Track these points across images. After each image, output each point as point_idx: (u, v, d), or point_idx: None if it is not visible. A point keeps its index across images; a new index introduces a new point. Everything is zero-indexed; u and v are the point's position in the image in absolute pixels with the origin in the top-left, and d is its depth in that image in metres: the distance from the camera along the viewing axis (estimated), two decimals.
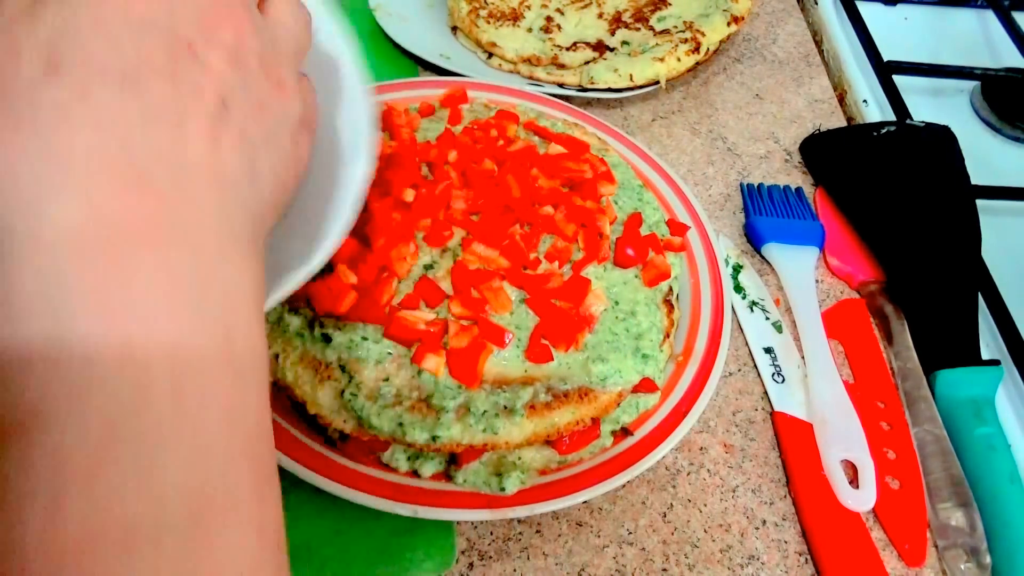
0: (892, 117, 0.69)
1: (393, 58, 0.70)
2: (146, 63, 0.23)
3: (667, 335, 0.48)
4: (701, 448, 0.49)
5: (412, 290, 0.45)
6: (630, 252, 0.49)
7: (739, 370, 0.53)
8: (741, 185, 0.64)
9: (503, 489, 0.41)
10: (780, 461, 0.49)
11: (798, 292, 0.57)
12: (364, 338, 0.42)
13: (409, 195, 0.48)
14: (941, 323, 0.55)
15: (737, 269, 0.58)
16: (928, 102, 0.74)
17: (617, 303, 0.47)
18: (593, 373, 0.43)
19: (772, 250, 0.59)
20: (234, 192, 0.25)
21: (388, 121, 0.55)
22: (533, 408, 0.42)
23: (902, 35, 0.81)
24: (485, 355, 0.43)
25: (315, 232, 0.32)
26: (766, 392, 0.52)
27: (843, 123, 0.71)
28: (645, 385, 0.46)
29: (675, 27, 0.71)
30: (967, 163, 0.63)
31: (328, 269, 0.45)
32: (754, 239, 0.60)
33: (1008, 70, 0.76)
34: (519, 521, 0.45)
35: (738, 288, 0.57)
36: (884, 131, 0.66)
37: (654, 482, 0.47)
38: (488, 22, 0.70)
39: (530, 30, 0.71)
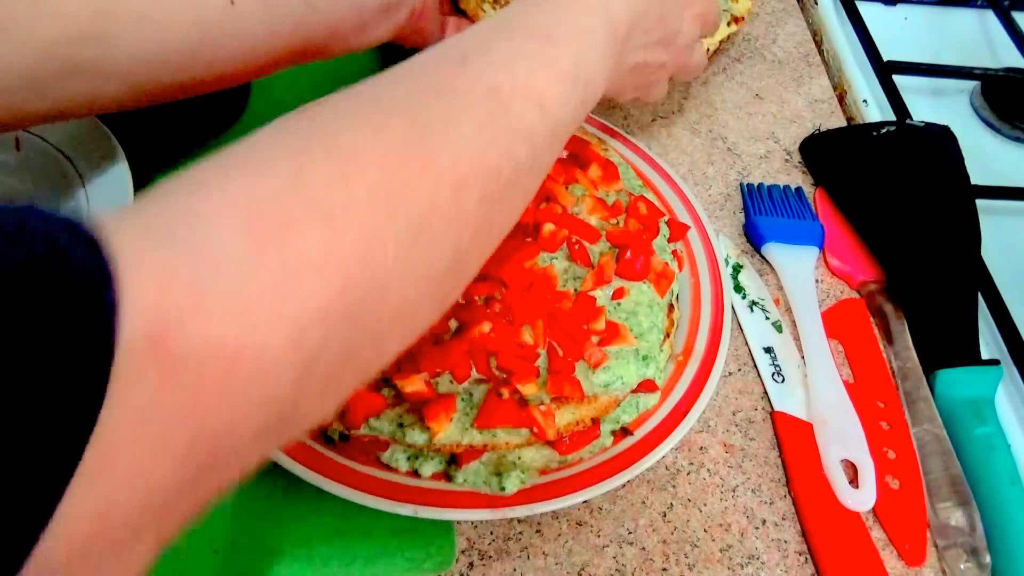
0: (892, 117, 0.69)
1: (393, 59, 0.70)
2: None
3: (667, 335, 0.48)
4: (701, 448, 0.49)
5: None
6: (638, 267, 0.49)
7: (739, 370, 0.53)
8: (741, 185, 0.64)
9: (503, 489, 0.41)
10: (780, 461, 0.49)
11: (798, 292, 0.57)
12: None
13: None
14: (941, 323, 0.55)
15: (737, 269, 0.58)
16: (928, 102, 0.74)
17: (619, 304, 0.47)
18: (596, 383, 0.44)
19: (772, 250, 0.59)
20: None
21: None
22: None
23: (902, 35, 0.81)
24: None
25: None
26: (766, 392, 0.52)
27: (843, 123, 0.71)
28: (645, 385, 0.46)
29: None
30: (967, 163, 0.63)
31: None
32: (754, 239, 0.60)
33: (1008, 70, 0.76)
34: (519, 521, 0.45)
35: (738, 288, 0.57)
36: (884, 131, 0.66)
37: (654, 482, 0.47)
38: (494, 8, 0.70)
39: None
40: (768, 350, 0.54)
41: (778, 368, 0.53)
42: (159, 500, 0.21)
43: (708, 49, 0.70)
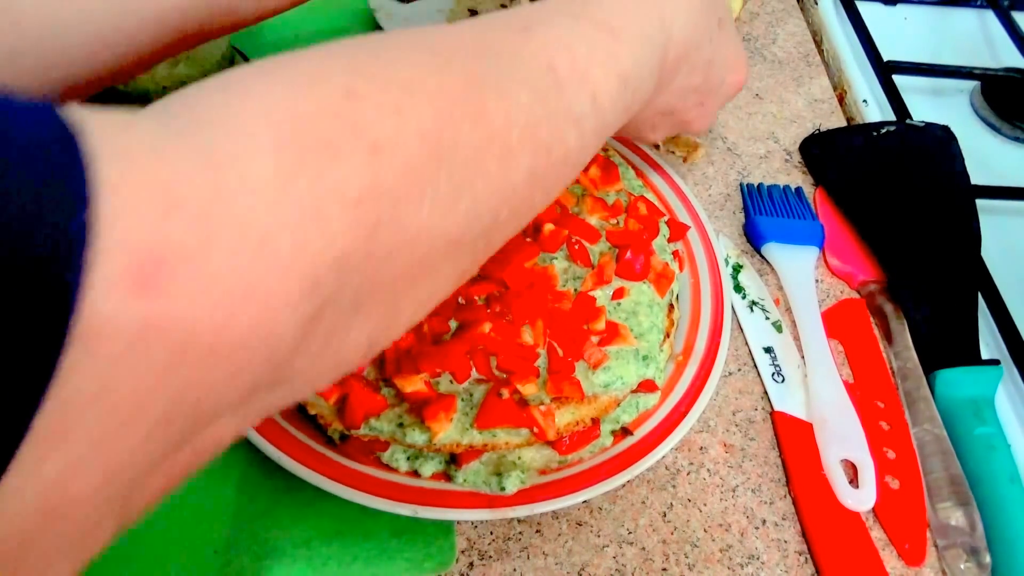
0: (892, 117, 0.69)
1: None
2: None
3: (667, 335, 0.48)
4: (701, 448, 0.49)
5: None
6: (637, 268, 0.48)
7: (739, 370, 0.53)
8: (741, 185, 0.64)
9: (503, 489, 0.41)
10: (780, 461, 0.49)
11: (798, 292, 0.57)
12: None
13: None
14: (941, 323, 0.55)
15: (737, 269, 0.58)
16: (928, 102, 0.74)
17: (619, 304, 0.47)
18: (596, 383, 0.44)
19: (772, 250, 0.59)
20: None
21: None
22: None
23: (902, 35, 0.81)
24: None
25: None
26: (766, 392, 0.52)
27: (843, 123, 0.71)
28: (645, 385, 0.46)
29: None
30: (967, 163, 0.63)
31: None
32: (754, 239, 0.60)
33: (1008, 70, 0.76)
34: (519, 521, 0.45)
35: (738, 288, 0.57)
36: (884, 131, 0.66)
37: (654, 482, 0.47)
38: None
39: None
40: (768, 350, 0.54)
41: (778, 368, 0.53)
42: (125, 478, 0.18)
43: None
